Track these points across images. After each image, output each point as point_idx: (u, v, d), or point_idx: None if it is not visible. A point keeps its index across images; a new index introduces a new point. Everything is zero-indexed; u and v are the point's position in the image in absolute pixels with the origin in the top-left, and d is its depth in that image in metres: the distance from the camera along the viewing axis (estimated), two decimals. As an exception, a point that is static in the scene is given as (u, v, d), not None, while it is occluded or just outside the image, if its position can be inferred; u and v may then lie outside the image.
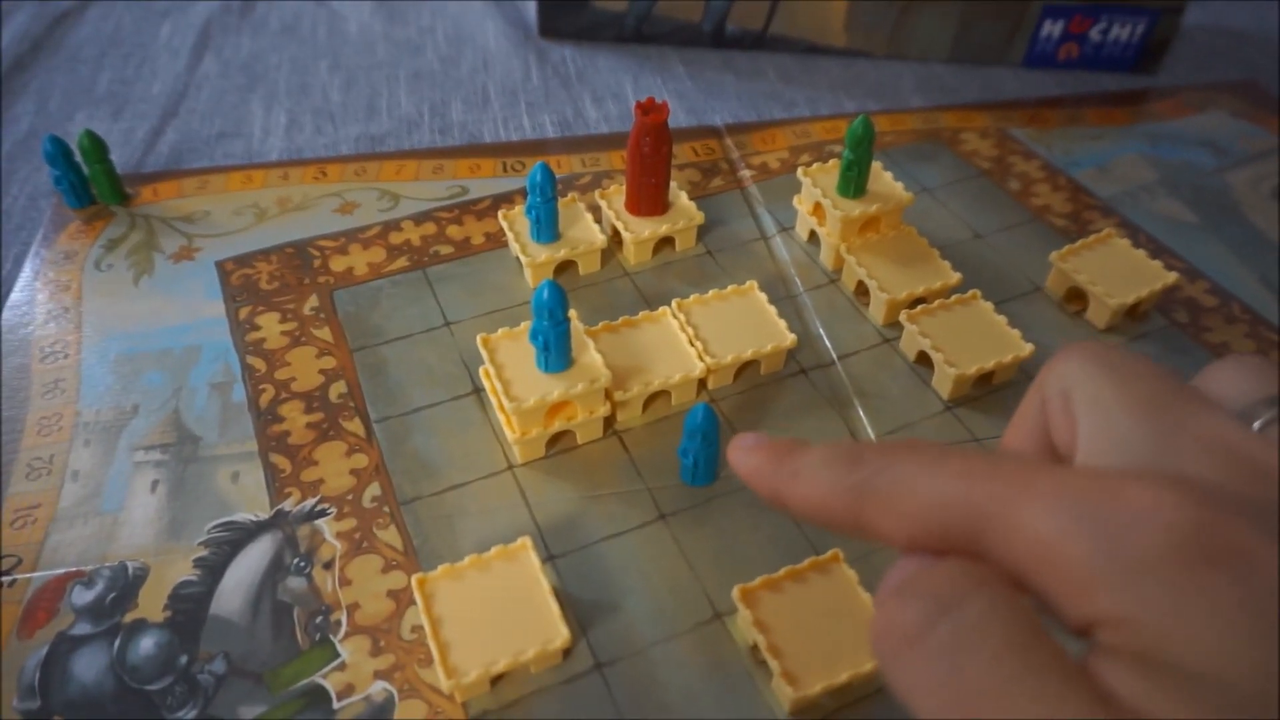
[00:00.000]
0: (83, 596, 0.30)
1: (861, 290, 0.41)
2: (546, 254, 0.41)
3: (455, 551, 0.31)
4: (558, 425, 0.34)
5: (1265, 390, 0.18)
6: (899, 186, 0.42)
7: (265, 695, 0.27)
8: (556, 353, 0.33)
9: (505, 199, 0.46)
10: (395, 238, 0.44)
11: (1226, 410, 0.18)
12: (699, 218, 0.43)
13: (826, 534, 0.31)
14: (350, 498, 0.33)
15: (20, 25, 0.60)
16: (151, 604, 0.30)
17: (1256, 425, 0.18)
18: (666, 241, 0.43)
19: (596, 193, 0.44)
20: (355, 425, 0.35)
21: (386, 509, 0.32)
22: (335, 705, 0.27)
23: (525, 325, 0.35)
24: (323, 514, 0.32)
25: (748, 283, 0.39)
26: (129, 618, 0.29)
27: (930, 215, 0.46)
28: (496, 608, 0.29)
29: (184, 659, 0.28)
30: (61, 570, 0.30)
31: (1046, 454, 0.20)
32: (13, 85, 0.55)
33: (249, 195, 0.46)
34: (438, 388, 0.37)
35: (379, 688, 0.28)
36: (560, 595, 0.29)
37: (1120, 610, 0.14)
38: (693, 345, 0.36)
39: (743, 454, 0.21)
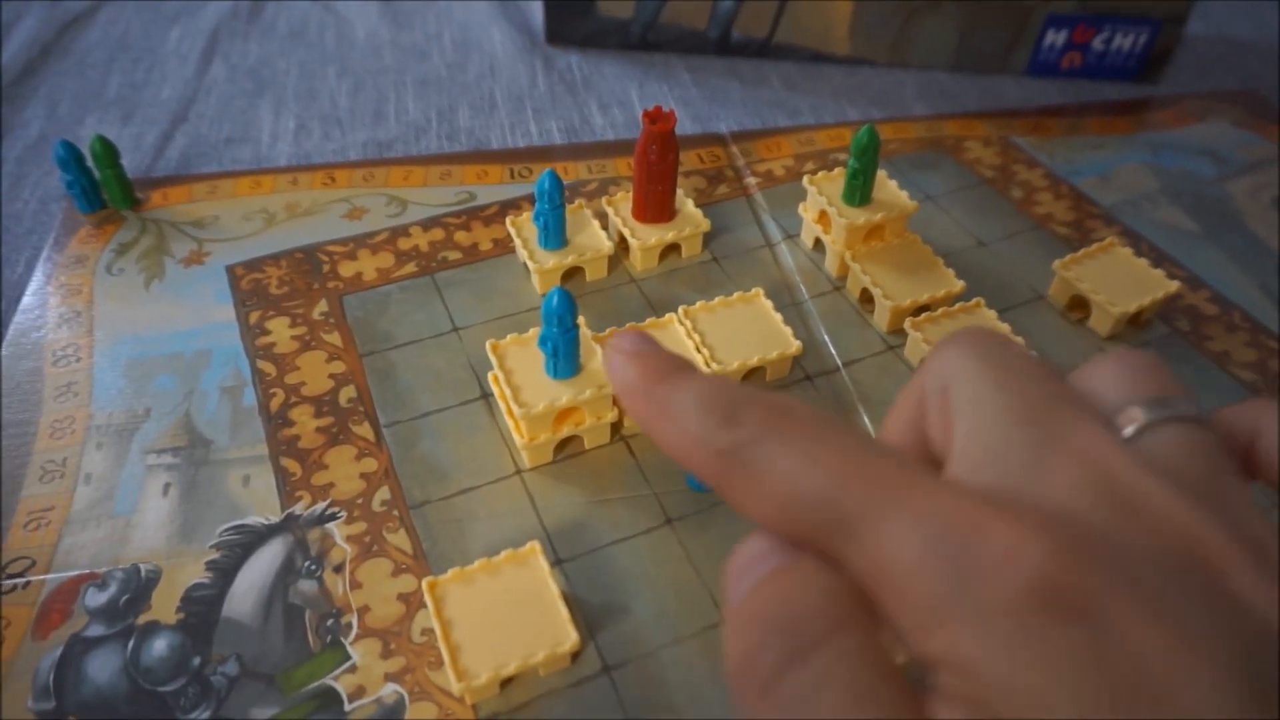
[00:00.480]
0: (96, 598, 0.30)
1: (866, 298, 0.42)
2: (554, 260, 0.41)
3: (465, 555, 0.31)
4: (566, 430, 0.34)
5: (1141, 391, 0.17)
6: (903, 195, 0.43)
7: (277, 697, 0.28)
8: (565, 359, 0.33)
9: (512, 205, 0.47)
10: (404, 243, 0.44)
11: (1104, 419, 0.17)
12: (705, 225, 0.43)
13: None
14: (360, 501, 0.33)
15: (29, 30, 0.60)
16: (164, 606, 0.30)
17: (1128, 431, 0.17)
18: (673, 248, 0.44)
19: (603, 199, 0.45)
20: (365, 429, 0.36)
21: (396, 513, 0.33)
22: (347, 707, 0.28)
23: (534, 331, 0.35)
24: (333, 517, 0.33)
25: (753, 290, 0.40)
26: (142, 620, 0.29)
27: (933, 223, 0.47)
28: (506, 611, 0.29)
29: (197, 661, 0.29)
30: (75, 572, 0.31)
31: (922, 451, 0.19)
32: (23, 89, 0.55)
33: (258, 200, 0.46)
34: (446, 393, 0.37)
35: (390, 690, 0.28)
36: (569, 599, 0.30)
37: (961, 654, 0.13)
38: (699, 352, 0.37)
39: (620, 359, 0.19)
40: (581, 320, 0.34)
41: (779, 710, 0.14)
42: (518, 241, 0.42)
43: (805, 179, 0.44)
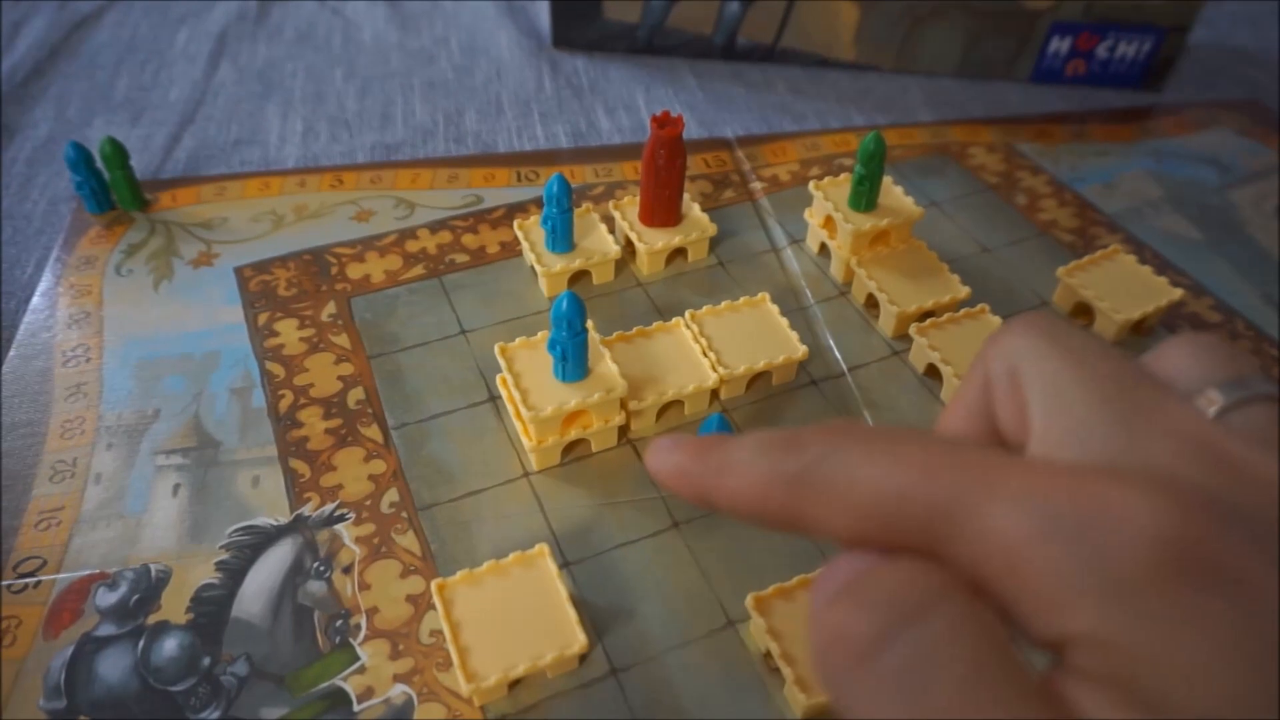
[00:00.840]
0: (106, 598, 0.30)
1: (871, 303, 0.42)
2: (562, 264, 0.41)
3: (472, 557, 0.32)
4: (573, 433, 0.34)
5: (1216, 373, 0.17)
6: (909, 201, 0.43)
7: (287, 697, 0.28)
8: (574, 362, 0.33)
9: (519, 208, 0.47)
10: (411, 246, 0.44)
11: (1186, 397, 0.16)
12: (712, 229, 0.44)
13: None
14: (369, 503, 0.33)
15: (38, 31, 0.60)
16: (174, 606, 0.30)
17: (1210, 412, 0.16)
18: (679, 252, 0.44)
19: (610, 203, 0.45)
20: (373, 431, 0.36)
21: (404, 514, 0.33)
22: (356, 707, 0.28)
23: (543, 335, 0.36)
24: (342, 519, 0.33)
25: (759, 294, 0.40)
26: (152, 619, 0.30)
27: (938, 229, 0.47)
28: (514, 613, 0.29)
29: (207, 660, 0.29)
30: (85, 572, 0.31)
31: (992, 441, 0.18)
32: (31, 91, 0.55)
33: (266, 202, 0.47)
34: (454, 395, 0.37)
35: (398, 691, 0.28)
36: (576, 601, 0.30)
37: (1096, 630, 0.13)
38: (706, 356, 0.37)
39: (662, 455, 0.18)
40: (590, 324, 0.34)
41: (882, 684, 0.13)
42: (525, 245, 0.42)
43: (811, 184, 0.44)
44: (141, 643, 0.29)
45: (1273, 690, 0.12)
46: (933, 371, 0.38)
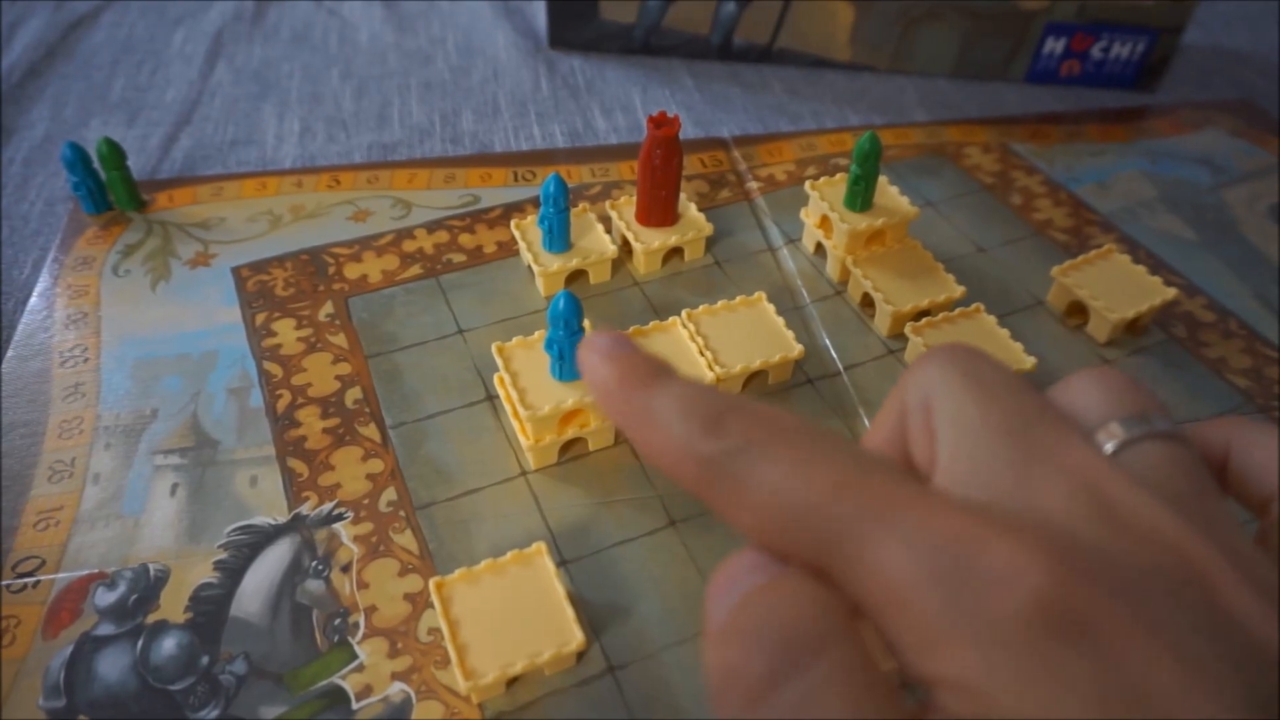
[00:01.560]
0: (105, 598, 0.30)
1: (867, 302, 0.42)
2: (559, 263, 0.41)
3: (470, 556, 0.32)
4: (571, 432, 0.35)
5: (1119, 409, 0.17)
6: (904, 201, 0.43)
7: (285, 696, 0.28)
8: (571, 362, 0.34)
9: (516, 208, 0.47)
10: (408, 245, 0.44)
11: (1087, 435, 0.17)
12: (708, 229, 0.44)
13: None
14: (367, 502, 0.33)
15: (34, 31, 0.60)
16: (173, 605, 0.30)
17: (1108, 447, 0.17)
18: (676, 252, 0.44)
19: (607, 203, 0.45)
20: (371, 431, 0.36)
21: (402, 513, 0.33)
22: (354, 706, 0.28)
23: (540, 334, 0.36)
24: (340, 518, 0.33)
25: (755, 294, 0.40)
26: (151, 619, 0.30)
27: (934, 229, 0.47)
28: (512, 611, 0.29)
29: (205, 659, 0.29)
30: (84, 572, 0.31)
31: (904, 465, 0.18)
32: (28, 91, 0.55)
33: (263, 202, 0.47)
34: (452, 394, 0.37)
35: (397, 689, 0.28)
36: (574, 599, 0.30)
37: (964, 675, 0.13)
38: (703, 355, 0.37)
39: (595, 360, 0.18)
40: (587, 323, 0.34)
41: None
42: (522, 244, 0.42)
43: (807, 184, 0.44)
44: (140, 642, 0.29)
45: None
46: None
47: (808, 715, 0.14)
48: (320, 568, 0.31)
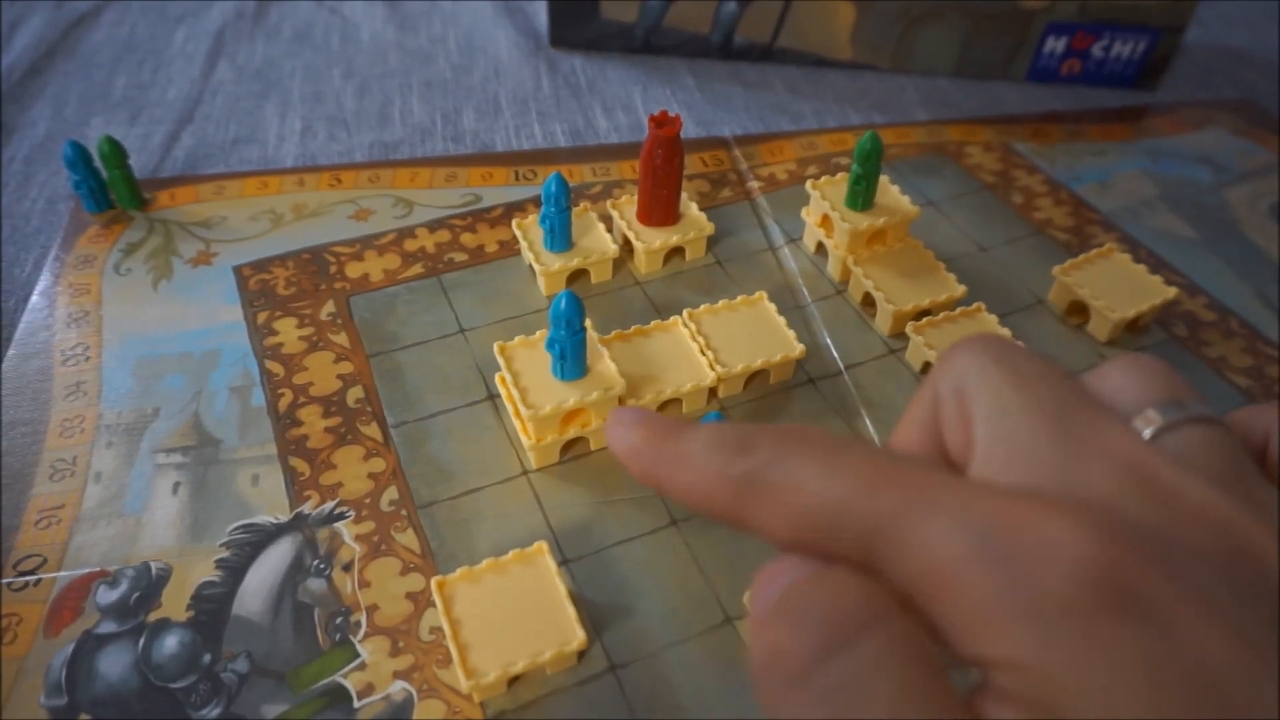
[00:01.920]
0: (107, 596, 0.30)
1: (868, 302, 0.42)
2: (560, 263, 0.41)
3: (472, 555, 0.32)
4: (572, 432, 0.35)
5: (1155, 394, 0.17)
6: (905, 200, 0.43)
7: (287, 694, 0.28)
8: (573, 361, 0.34)
9: (518, 207, 0.47)
10: (410, 245, 0.44)
11: (1125, 418, 0.17)
12: (709, 228, 0.44)
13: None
14: (368, 501, 0.33)
15: (35, 30, 0.60)
16: (175, 604, 0.30)
17: (1147, 433, 0.17)
18: (677, 251, 0.44)
19: (608, 202, 0.45)
20: (373, 430, 0.36)
21: (404, 512, 0.33)
22: (356, 704, 0.28)
23: (541, 333, 0.36)
24: (341, 517, 0.33)
25: (757, 293, 0.40)
26: (153, 617, 0.30)
27: (935, 228, 0.47)
28: (513, 610, 0.29)
29: (207, 658, 0.29)
30: (86, 570, 0.31)
31: (939, 459, 0.18)
32: (29, 89, 0.55)
33: (265, 201, 0.47)
34: (453, 393, 0.37)
35: (398, 687, 0.28)
36: (575, 598, 0.30)
37: (1018, 654, 0.13)
38: (704, 354, 0.37)
39: (622, 430, 0.19)
40: (588, 323, 0.34)
41: (816, 704, 0.14)
42: (523, 244, 0.42)
43: (808, 183, 0.44)
44: (142, 640, 0.29)
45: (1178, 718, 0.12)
46: (929, 370, 0.39)
47: (854, 693, 0.13)
48: (322, 566, 0.31)
